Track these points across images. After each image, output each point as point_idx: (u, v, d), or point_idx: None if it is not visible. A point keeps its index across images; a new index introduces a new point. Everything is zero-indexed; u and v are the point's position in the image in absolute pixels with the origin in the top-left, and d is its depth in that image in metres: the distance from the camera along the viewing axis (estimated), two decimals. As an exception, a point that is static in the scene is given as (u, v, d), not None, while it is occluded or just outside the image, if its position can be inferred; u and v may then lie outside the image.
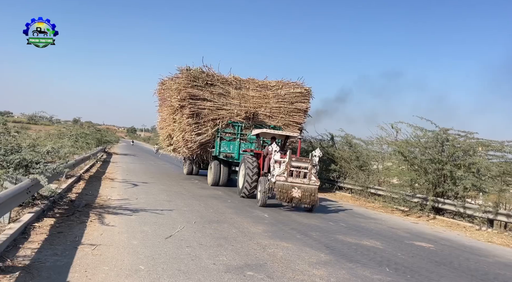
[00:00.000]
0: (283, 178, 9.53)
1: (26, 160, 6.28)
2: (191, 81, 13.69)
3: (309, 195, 9.42)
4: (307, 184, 9.54)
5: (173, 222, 7.06)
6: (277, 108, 14.58)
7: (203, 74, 13.98)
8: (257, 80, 14.99)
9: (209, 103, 13.76)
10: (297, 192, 9.35)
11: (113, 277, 4.03)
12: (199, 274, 4.39)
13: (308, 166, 9.69)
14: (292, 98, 14.76)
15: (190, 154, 14.48)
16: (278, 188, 9.40)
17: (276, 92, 14.77)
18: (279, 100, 14.63)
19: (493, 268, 6.13)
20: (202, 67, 14.22)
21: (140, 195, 9.96)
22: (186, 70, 13.96)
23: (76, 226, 6.03)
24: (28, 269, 4.02)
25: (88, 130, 27.64)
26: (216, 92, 14.02)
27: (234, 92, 14.28)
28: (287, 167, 9.59)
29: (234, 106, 14.04)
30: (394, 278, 4.95)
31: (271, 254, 5.54)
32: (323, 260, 5.48)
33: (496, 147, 11.51)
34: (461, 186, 10.85)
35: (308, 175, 9.66)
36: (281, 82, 15.11)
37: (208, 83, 13.99)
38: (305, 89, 15.04)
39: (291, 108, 14.73)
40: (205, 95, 13.73)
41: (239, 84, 14.58)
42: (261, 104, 14.44)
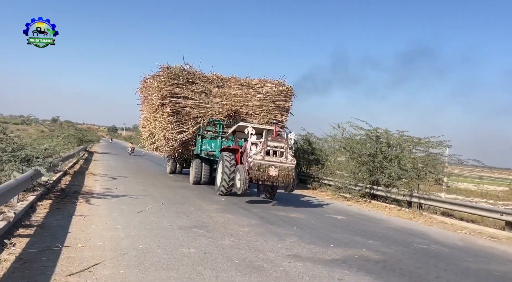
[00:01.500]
0: (260, 156, 9.57)
1: (28, 155, 8.16)
2: (172, 79, 13.77)
3: (286, 174, 9.49)
4: (284, 163, 9.61)
5: (145, 203, 9.06)
6: (259, 106, 14.70)
7: (184, 72, 14.04)
8: (239, 79, 15.07)
9: (190, 101, 13.83)
10: (274, 171, 9.38)
11: (99, 230, 6.05)
12: (158, 230, 6.45)
13: (284, 145, 9.81)
14: (274, 97, 14.92)
15: (172, 152, 14.59)
16: (255, 166, 9.41)
17: (258, 91, 14.86)
18: (261, 99, 14.77)
19: (379, 229, 8.45)
20: (183, 65, 14.28)
21: (119, 186, 11.86)
22: (166, 68, 14.01)
23: (69, 205, 7.97)
24: (41, 226, 5.99)
25: (71, 131, 29.00)
26: (197, 90, 14.08)
27: (216, 91, 14.33)
28: (264, 146, 9.67)
29: (216, 105, 14.11)
30: (296, 233, 7.16)
31: (215, 220, 7.66)
32: (252, 223, 7.64)
33: (423, 143, 14.03)
34: (386, 175, 13.30)
35: (285, 154, 9.74)
36: (263, 80, 15.20)
37: (189, 81, 14.05)
38: (286, 88, 15.21)
39: (273, 106, 14.90)
40: (186, 93, 13.81)
41: (220, 83, 14.64)
42: (243, 102, 14.52)
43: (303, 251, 5.87)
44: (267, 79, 15.29)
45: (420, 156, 14.13)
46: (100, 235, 5.75)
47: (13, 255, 4.47)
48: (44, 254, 4.64)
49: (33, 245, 4.96)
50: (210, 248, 5.55)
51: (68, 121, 76.35)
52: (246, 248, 5.74)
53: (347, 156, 15.58)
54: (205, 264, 4.79)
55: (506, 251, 7.47)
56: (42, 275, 3.96)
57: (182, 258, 4.99)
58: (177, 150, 14.21)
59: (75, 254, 4.76)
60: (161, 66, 14.36)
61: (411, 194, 12.54)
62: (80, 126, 63.31)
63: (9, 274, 3.89)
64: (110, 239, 5.62)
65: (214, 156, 13.64)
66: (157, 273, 4.34)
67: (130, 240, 5.66)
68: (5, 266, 4.11)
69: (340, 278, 4.72)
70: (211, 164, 13.98)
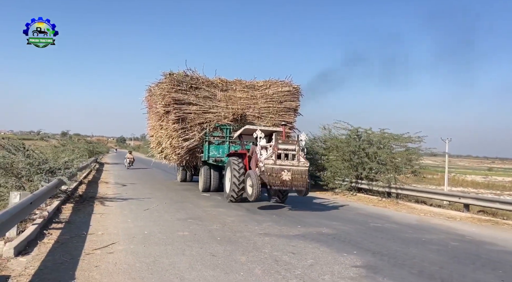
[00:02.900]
0: (272, 161, 9.23)
1: (52, 168, 9.84)
2: (175, 86, 13.60)
3: (300, 177, 9.16)
4: (296, 166, 9.26)
5: (151, 203, 10.67)
6: (265, 108, 14.41)
7: (187, 78, 13.89)
8: (244, 81, 14.80)
9: (194, 107, 13.64)
10: (287, 175, 9.07)
11: (113, 223, 7.66)
12: (160, 221, 8.04)
13: (296, 147, 9.49)
14: (280, 98, 14.61)
15: (180, 160, 14.39)
16: (267, 172, 9.06)
17: (264, 92, 14.57)
18: (268, 100, 14.48)
19: (348, 215, 9.92)
20: (186, 71, 14.11)
21: (129, 191, 13.51)
22: (169, 74, 13.86)
23: (88, 207, 9.62)
24: (68, 222, 7.63)
25: (82, 144, 30.92)
26: (201, 96, 13.88)
27: (221, 95, 14.09)
28: (275, 150, 9.33)
29: (221, 109, 13.85)
30: (274, 219, 8.68)
31: (208, 213, 9.24)
32: (239, 214, 9.20)
33: (401, 139, 15.50)
34: (367, 170, 14.76)
35: (297, 157, 9.40)
36: (268, 81, 14.88)
37: (192, 87, 13.86)
38: (293, 88, 14.90)
39: (280, 107, 14.61)
40: (190, 99, 13.61)
41: (225, 86, 14.38)
42: (249, 105, 14.25)
43: (273, 231, 7.41)
44: (273, 80, 15.00)
45: (399, 151, 15.60)
46: (114, 226, 7.37)
47: (52, 240, 6.09)
48: (74, 238, 6.26)
49: (64, 233, 6.58)
50: (200, 231, 7.12)
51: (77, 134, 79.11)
52: (228, 230, 7.31)
53: (334, 154, 17.07)
54: (194, 241, 6.36)
55: (449, 226, 8.91)
56: (75, 250, 5.56)
57: (177, 238, 6.57)
58: (185, 158, 14.08)
59: (96, 238, 6.37)
60: (164, 73, 14.23)
61: (389, 185, 13.97)
62: (90, 139, 65.65)
63: (53, 250, 5.50)
64: (122, 228, 7.23)
65: (223, 162, 13.19)
66: (157, 247, 5.92)
67: (137, 228, 7.26)
68: (48, 246, 5.72)
69: (294, 245, 6.26)
70: (220, 170, 13.57)
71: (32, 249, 5.44)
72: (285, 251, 5.85)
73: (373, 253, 5.97)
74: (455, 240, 7.35)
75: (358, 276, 4.80)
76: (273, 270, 4.90)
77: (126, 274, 4.60)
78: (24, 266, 4.69)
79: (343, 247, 6.30)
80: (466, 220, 10.07)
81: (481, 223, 9.65)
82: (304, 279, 4.59)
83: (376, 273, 4.92)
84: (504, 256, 6.18)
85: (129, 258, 5.24)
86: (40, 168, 9.76)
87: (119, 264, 4.95)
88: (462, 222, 9.73)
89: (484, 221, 9.92)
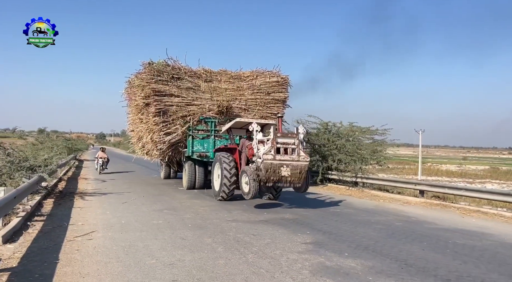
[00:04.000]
0: (271, 156, 8.56)
1: (32, 165, 10.31)
2: (155, 76, 12.75)
3: (299, 173, 8.63)
4: (296, 161, 8.68)
5: (130, 197, 11.27)
6: (253, 100, 13.80)
7: (168, 68, 12.99)
8: (230, 72, 14.07)
9: (177, 99, 12.86)
10: (286, 171, 8.53)
11: (93, 215, 8.27)
12: (137, 212, 8.70)
13: (295, 140, 8.90)
14: (268, 89, 14.01)
15: (162, 156, 13.81)
16: (266, 168, 8.46)
17: (251, 83, 13.91)
18: (255, 92, 13.84)
19: (312, 203, 10.82)
20: (167, 60, 13.21)
21: (108, 186, 14.00)
22: (148, 64, 12.97)
23: (68, 201, 10.14)
24: (50, 215, 8.19)
25: (61, 141, 30.84)
26: (184, 87, 13.09)
27: (205, 86, 13.35)
28: (273, 144, 8.71)
29: (206, 101, 13.16)
30: (244, 208, 9.47)
31: (183, 204, 9.95)
32: (212, 205, 9.94)
33: (367, 131, 16.56)
34: (336, 161, 15.76)
35: (297, 151, 8.81)
36: (255, 72, 14.22)
37: (174, 77, 13.01)
38: (281, 78, 14.27)
39: (268, 99, 14.01)
40: (172, 91, 12.81)
41: (209, 77, 13.62)
42: (235, 97, 13.59)
43: (241, 218, 8.21)
44: (260, 70, 14.36)
45: (366, 143, 16.68)
46: (94, 218, 7.98)
47: (36, 230, 6.68)
48: (56, 229, 6.86)
49: (47, 225, 7.16)
50: (173, 220, 7.84)
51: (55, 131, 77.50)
52: (200, 218, 8.05)
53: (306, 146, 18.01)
54: (167, 228, 7.08)
55: (401, 210, 9.95)
56: (58, 238, 6.18)
57: (152, 225, 7.27)
58: (167, 153, 13.47)
59: (77, 228, 6.99)
60: (143, 63, 13.31)
61: (356, 175, 15.01)
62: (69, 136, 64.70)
63: (37, 238, 6.10)
64: (101, 219, 7.86)
65: (208, 157, 12.69)
66: (133, 233, 6.62)
67: (116, 219, 7.90)
68: (32, 235, 6.32)
69: (256, 228, 7.08)
70: (205, 166, 13.07)
71: (18, 238, 6.04)
72: (247, 234, 6.65)
73: (324, 232, 6.85)
74: (400, 220, 8.35)
75: (305, 250, 5.66)
76: (233, 248, 5.69)
77: (104, 255, 5.29)
78: (12, 251, 5.31)
79: (299, 228, 7.17)
80: (420, 204, 11.16)
81: (431, 207, 10.74)
82: (259, 254, 5.40)
83: (320, 247, 5.78)
84: (435, 232, 7.18)
85: (107, 243, 5.92)
86: (20, 165, 10.23)
87: (98, 248, 5.63)
88: (415, 206, 10.80)
89: (434, 205, 11.02)
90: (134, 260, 5.08)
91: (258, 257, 5.28)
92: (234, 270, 4.73)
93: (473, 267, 5.03)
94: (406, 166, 41.08)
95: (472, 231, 7.39)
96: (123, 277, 4.43)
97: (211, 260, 5.09)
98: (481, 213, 9.64)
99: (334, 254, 5.48)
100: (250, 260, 5.14)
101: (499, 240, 6.70)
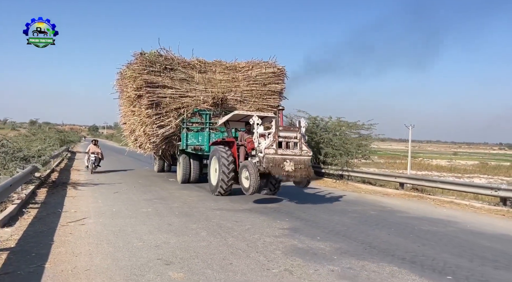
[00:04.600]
0: (273, 150, 8.45)
1: (26, 156, 10.65)
2: (147, 67, 12.45)
3: (303, 167, 8.52)
4: (299, 155, 8.57)
5: (121, 187, 11.68)
6: (248, 91, 13.48)
7: (160, 58, 12.71)
8: (225, 62, 13.80)
9: (170, 90, 12.54)
10: (289, 165, 8.38)
11: (85, 203, 8.68)
12: (128, 201, 9.13)
13: (297, 134, 8.78)
14: (264, 80, 13.70)
15: (155, 149, 13.55)
16: (268, 162, 8.35)
17: (247, 74, 13.61)
18: (250, 83, 13.54)
19: (297, 194, 11.32)
20: (160, 50, 12.89)
21: (100, 177, 14.38)
22: (140, 54, 12.68)
23: (61, 191, 10.53)
24: (44, 203, 8.59)
25: (53, 133, 31.00)
26: (177, 78, 12.77)
27: (199, 77, 13.04)
28: (275, 137, 8.56)
29: (200, 92, 12.83)
30: (231, 198, 9.95)
31: (172, 195, 10.40)
32: (200, 195, 10.41)
33: (354, 126, 17.10)
34: (323, 154, 16.31)
35: (299, 145, 8.71)
36: (251, 62, 13.93)
37: (167, 68, 12.73)
38: (278, 69, 14.00)
39: (264, 90, 13.70)
40: (165, 82, 12.50)
41: (204, 68, 13.32)
42: (230, 88, 13.28)
43: (226, 207, 8.70)
44: (255, 61, 14.06)
45: (353, 137, 17.23)
46: (86, 206, 8.41)
47: (31, 216, 7.09)
48: (50, 215, 7.27)
49: (41, 211, 7.57)
50: (162, 208, 8.30)
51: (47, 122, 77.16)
52: (187, 207, 8.52)
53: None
54: (156, 215, 7.53)
55: (379, 200, 10.52)
56: (52, 223, 6.60)
57: (141, 213, 7.71)
58: (160, 147, 13.23)
59: (70, 214, 7.41)
60: (134, 53, 12.98)
61: (342, 168, 15.56)
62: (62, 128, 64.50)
63: (33, 223, 6.52)
64: (93, 207, 8.28)
65: (203, 151, 12.58)
66: (123, 219, 7.06)
67: (107, 207, 8.33)
68: (28, 221, 6.73)
69: (239, 216, 7.57)
70: (200, 159, 12.90)
71: (15, 223, 6.45)
72: (230, 220, 7.14)
73: (301, 220, 7.37)
74: (376, 210, 8.91)
75: (281, 234, 6.16)
76: (215, 233, 6.17)
77: (95, 238, 5.74)
78: (10, 234, 5.73)
79: (279, 216, 7.67)
80: (398, 196, 11.75)
81: (409, 198, 11.33)
82: (238, 238, 5.89)
83: (295, 232, 6.30)
84: (404, 220, 7.74)
85: (98, 228, 6.36)
86: (14, 156, 10.57)
87: (89, 232, 6.08)
88: (393, 198, 11.38)
89: (412, 196, 11.62)
90: (123, 242, 5.54)
91: (237, 240, 5.77)
92: (214, 250, 5.21)
93: (429, 249, 5.58)
94: (397, 160, 41.87)
95: (439, 219, 7.97)
96: (112, 256, 4.89)
97: (194, 243, 5.57)
98: (454, 204, 10.26)
99: (307, 238, 5.99)
100: (230, 242, 5.62)
101: (462, 227, 7.28)
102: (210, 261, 4.73)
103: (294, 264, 4.70)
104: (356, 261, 4.87)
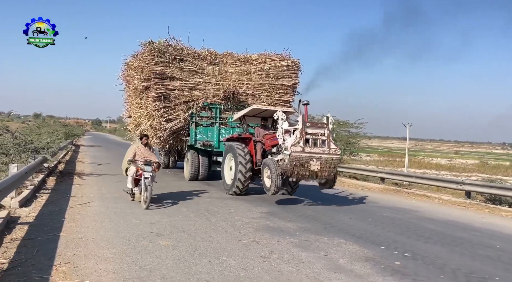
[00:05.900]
0: (299, 148, 7.83)
1: (36, 147, 11.72)
2: (156, 57, 11.78)
3: (329, 167, 7.95)
4: (327, 154, 7.98)
5: (123, 177, 12.60)
6: (261, 85, 12.78)
7: (169, 48, 12.03)
8: (236, 54, 13.18)
9: (179, 82, 11.89)
10: (316, 164, 7.81)
11: (90, 190, 9.74)
12: (129, 189, 10.19)
13: (325, 131, 8.18)
14: (277, 73, 12.95)
15: (162, 144, 12.89)
16: (293, 161, 7.70)
17: (259, 67, 12.95)
18: (263, 76, 12.84)
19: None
20: (169, 40, 12.22)
21: (104, 169, 15.44)
22: (148, 44, 11.97)
23: (68, 180, 11.61)
24: (54, 189, 9.66)
25: (58, 127, 32.15)
26: (187, 69, 12.15)
27: (209, 69, 12.41)
28: (302, 134, 7.94)
29: (210, 85, 12.20)
30: (220, 189, 10.99)
31: (169, 184, 11.43)
32: (194, 184, 11.45)
33: (343, 124, 18.10)
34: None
35: (327, 142, 8.10)
36: (264, 55, 13.26)
37: (176, 59, 12.07)
38: (292, 62, 13.23)
39: (278, 84, 12.94)
40: (174, 73, 11.86)
41: (214, 59, 12.69)
42: (242, 81, 12.61)
43: (216, 195, 9.73)
44: (268, 53, 13.36)
45: (343, 135, 18.26)
46: (91, 192, 9.47)
47: (44, 199, 8.16)
48: (60, 199, 8.34)
49: (52, 196, 8.64)
50: (161, 193, 9.35)
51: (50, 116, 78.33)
52: (183, 193, 9.57)
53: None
54: (152, 200, 8.58)
55: (358, 193, 11.52)
56: (63, 205, 7.66)
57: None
58: (168, 141, 12.55)
59: (77, 199, 8.46)
60: (142, 43, 12.31)
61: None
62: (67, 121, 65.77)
63: (46, 205, 7.58)
64: (97, 193, 9.35)
65: (212, 146, 12.06)
66: (123, 204, 8.12)
67: (109, 193, 9.39)
68: (41, 203, 7.80)
69: (226, 202, 8.61)
70: (209, 156, 12.42)
71: (31, 204, 7.53)
72: (216, 205, 8.17)
73: (280, 205, 8.40)
74: (353, 201, 9.90)
75: (259, 217, 7.19)
76: (202, 215, 7.21)
77: (100, 216, 6.79)
78: (28, 212, 6.80)
79: (261, 203, 8.70)
80: (379, 190, 12.74)
81: (387, 192, 12.32)
82: (221, 219, 6.93)
83: (271, 215, 7.33)
84: (371, 208, 8.75)
85: (102, 209, 7.42)
86: (26, 147, 11.64)
87: (94, 212, 7.13)
88: (373, 191, 12.37)
89: (390, 190, 12.61)
90: (123, 220, 6.59)
91: (219, 220, 6.81)
92: (199, 227, 6.25)
93: (379, 229, 6.60)
94: (397, 158, 42.65)
95: (403, 208, 8.97)
96: (114, 229, 5.93)
97: (183, 221, 6.61)
98: (425, 197, 11.24)
99: (280, 219, 7.02)
100: (213, 221, 6.66)
101: (419, 215, 8.28)
102: (194, 234, 5.77)
103: (262, 237, 5.73)
104: (314, 235, 5.90)
